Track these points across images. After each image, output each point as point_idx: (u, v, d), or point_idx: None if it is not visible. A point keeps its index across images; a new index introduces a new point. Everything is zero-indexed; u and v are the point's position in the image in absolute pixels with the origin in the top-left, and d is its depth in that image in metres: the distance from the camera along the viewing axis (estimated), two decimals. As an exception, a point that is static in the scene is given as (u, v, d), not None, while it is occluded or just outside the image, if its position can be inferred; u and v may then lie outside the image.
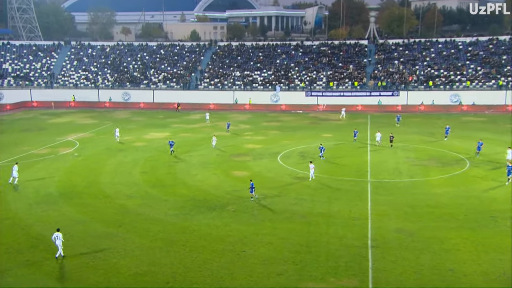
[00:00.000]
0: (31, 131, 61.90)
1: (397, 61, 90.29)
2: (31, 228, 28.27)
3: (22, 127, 65.08)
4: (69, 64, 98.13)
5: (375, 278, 22.35)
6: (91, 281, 22.03)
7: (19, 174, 37.94)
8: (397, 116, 65.51)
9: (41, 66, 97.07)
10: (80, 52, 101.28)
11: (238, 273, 22.82)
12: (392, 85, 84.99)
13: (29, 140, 55.67)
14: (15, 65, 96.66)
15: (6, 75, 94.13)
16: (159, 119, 73.28)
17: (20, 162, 44.48)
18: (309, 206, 32.38)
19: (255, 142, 54.31)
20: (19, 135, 59.29)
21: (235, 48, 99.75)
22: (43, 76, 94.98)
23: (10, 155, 47.17)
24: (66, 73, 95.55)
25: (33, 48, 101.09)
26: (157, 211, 31.35)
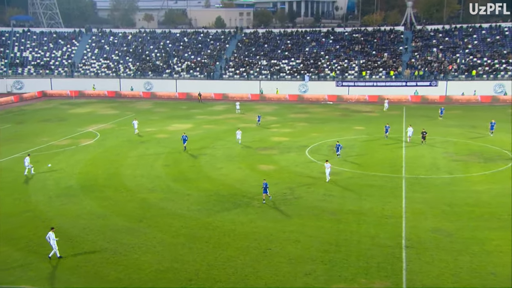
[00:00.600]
0: (51, 122, 63.37)
1: (436, 48, 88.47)
2: (52, 221, 28.97)
3: (42, 118, 66.69)
4: (90, 52, 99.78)
5: (409, 280, 22.10)
6: (111, 277, 22.48)
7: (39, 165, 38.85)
8: (441, 109, 63.72)
9: (61, 54, 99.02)
10: (102, 39, 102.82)
11: (264, 271, 22.90)
12: (430, 74, 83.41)
13: (49, 130, 57.02)
14: (36, 53, 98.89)
15: (27, 64, 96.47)
16: (182, 110, 73.94)
17: (41, 153, 45.71)
18: (339, 202, 32.20)
19: (282, 134, 54.24)
20: (39, 125, 60.78)
21: (262, 36, 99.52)
22: (63, 65, 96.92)
23: (31, 146, 48.45)
24: (87, 62, 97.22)
25: (53, 35, 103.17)
26: (180, 206, 31.71)
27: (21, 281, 22.10)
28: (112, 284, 21.80)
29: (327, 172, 36.33)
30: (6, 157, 44.10)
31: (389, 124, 51.38)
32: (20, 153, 45.51)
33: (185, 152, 45.58)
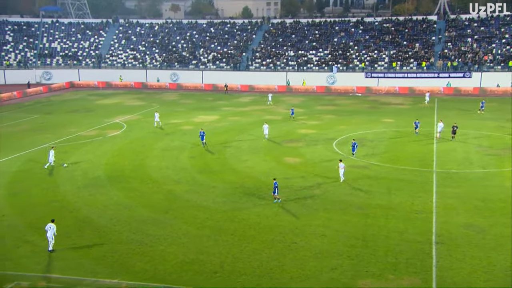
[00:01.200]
0: (78, 112, 64.57)
1: (471, 38, 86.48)
2: (79, 212, 29.61)
3: (70, 108, 68.00)
4: (117, 43, 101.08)
5: (439, 277, 21.76)
6: (137, 268, 22.84)
7: (67, 155, 39.61)
8: (482, 102, 61.27)
9: (89, 45, 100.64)
10: (128, 30, 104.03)
11: (289, 265, 22.91)
12: (464, 65, 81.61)
13: (77, 121, 58.12)
14: (64, 44, 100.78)
15: (55, 54, 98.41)
16: (208, 101, 74.29)
17: (68, 144, 46.65)
18: (366, 197, 31.90)
19: (308, 127, 53.96)
20: (67, 116, 62.00)
21: (289, 26, 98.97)
22: (91, 56, 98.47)
23: (59, 136, 49.51)
24: (114, 53, 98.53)
25: (81, 26, 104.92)
26: (205, 198, 31.95)
27: (49, 270, 22.67)
28: (137, 275, 22.15)
29: (341, 172, 34.36)
30: (34, 148, 45.16)
31: (418, 120, 49.35)
32: (48, 143, 46.54)
33: (205, 147, 44.56)
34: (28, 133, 52.00)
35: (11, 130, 53.36)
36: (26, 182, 35.45)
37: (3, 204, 31.13)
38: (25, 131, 53.08)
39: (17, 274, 22.30)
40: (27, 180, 35.80)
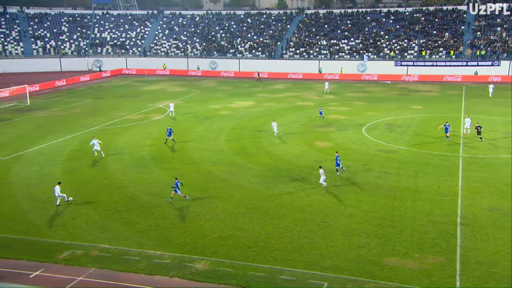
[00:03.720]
0: (126, 98, 65.75)
1: (500, 28, 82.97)
2: (126, 189, 30.34)
3: (118, 94, 69.32)
4: (161, 33, 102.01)
5: (463, 256, 21.32)
6: (178, 241, 23.30)
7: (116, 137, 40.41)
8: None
9: (135, 35, 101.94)
10: (172, 21, 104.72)
11: (319, 242, 22.89)
12: (493, 54, 78.54)
13: (124, 106, 59.24)
14: (113, 34, 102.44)
15: (105, 44, 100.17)
16: (244, 88, 74.29)
17: (116, 126, 47.69)
18: (394, 180, 31.40)
19: (339, 112, 53.30)
20: (116, 101, 63.26)
21: (323, 16, 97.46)
22: (137, 45, 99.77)
23: (108, 120, 50.66)
24: (158, 42, 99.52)
25: (129, 17, 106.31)
26: (241, 178, 32.14)
27: (99, 240, 23.40)
28: (178, 248, 22.60)
29: (322, 179, 29.74)
30: (87, 129, 46.38)
31: (449, 122, 41.49)
32: (99, 126, 47.70)
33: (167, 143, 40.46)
34: (81, 116, 53.40)
35: (67, 113, 54.91)
36: (80, 161, 36.52)
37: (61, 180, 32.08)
38: (79, 114, 54.52)
39: (72, 244, 23.14)
40: (81, 159, 36.87)
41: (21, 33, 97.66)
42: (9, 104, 60.82)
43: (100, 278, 20.10)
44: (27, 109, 57.88)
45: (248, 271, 20.43)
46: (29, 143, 40.38)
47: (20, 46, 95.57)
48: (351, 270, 20.42)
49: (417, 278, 19.76)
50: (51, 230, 24.60)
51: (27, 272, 20.52)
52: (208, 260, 21.38)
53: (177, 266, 20.97)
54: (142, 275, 20.29)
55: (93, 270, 20.76)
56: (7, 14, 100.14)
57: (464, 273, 20.04)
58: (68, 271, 20.63)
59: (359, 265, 20.80)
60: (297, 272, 20.38)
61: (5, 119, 51.68)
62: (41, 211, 27.03)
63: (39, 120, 51.36)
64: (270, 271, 20.45)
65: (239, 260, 21.34)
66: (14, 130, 46.55)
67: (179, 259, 21.53)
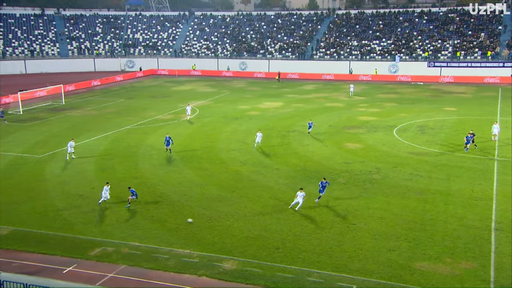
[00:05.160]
0: (157, 98, 66.72)
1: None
2: (156, 188, 30.77)
3: (150, 94, 70.40)
4: (192, 34, 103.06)
5: (498, 262, 20.71)
6: (207, 240, 23.47)
7: (147, 136, 40.94)
8: None
9: (167, 36, 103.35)
10: (203, 22, 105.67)
11: (348, 245, 22.65)
12: (531, 54, 76.05)
13: (155, 105, 60.11)
14: (145, 35, 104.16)
15: (138, 44, 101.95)
16: (273, 89, 74.23)
17: (148, 126, 48.43)
18: (425, 182, 30.77)
19: (369, 114, 52.62)
20: (147, 101, 64.27)
21: (354, 17, 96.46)
22: (168, 46, 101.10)
23: (140, 119, 51.51)
24: (189, 43, 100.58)
25: (161, 18, 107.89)
26: (269, 179, 32.12)
27: (130, 238, 23.79)
28: (207, 247, 22.76)
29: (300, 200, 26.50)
30: (119, 129, 47.28)
31: (473, 131, 38.82)
32: (130, 125, 48.56)
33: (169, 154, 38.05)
34: (114, 115, 54.48)
35: (100, 113, 56.13)
36: (112, 159, 37.24)
37: (93, 178, 32.96)
38: (111, 113, 55.63)
39: (103, 241, 23.63)
40: (113, 158, 37.60)
41: (58, 34, 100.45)
42: (45, 103, 62.62)
43: (130, 275, 20.45)
44: (62, 108, 59.47)
45: (276, 272, 20.39)
46: (63, 142, 41.44)
47: (56, 47, 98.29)
48: (381, 273, 20.12)
49: (449, 283, 19.30)
50: (84, 227, 25.16)
51: (60, 267, 21.05)
52: (236, 260, 21.46)
53: (205, 265, 21.12)
54: (171, 273, 20.53)
55: (123, 267, 21.13)
56: (45, 16, 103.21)
57: (498, 280, 19.45)
58: (99, 268, 21.06)
59: (388, 269, 20.47)
60: (325, 274, 20.21)
61: (41, 118, 53.24)
62: (74, 208, 27.69)
63: (73, 119, 52.69)
64: (298, 273, 20.36)
65: (266, 261, 21.33)
66: (49, 129, 47.90)
67: (207, 258, 21.68)
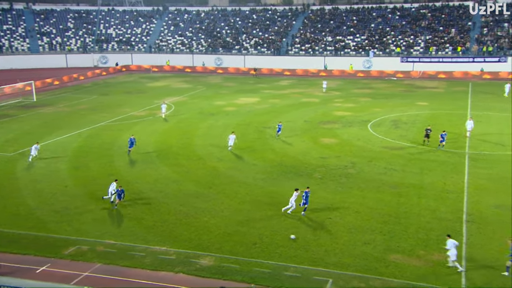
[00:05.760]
0: (132, 94, 65.89)
1: (508, 23, 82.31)
2: (132, 185, 30.42)
3: (124, 90, 69.46)
4: (167, 29, 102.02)
5: (469, 253, 21.27)
6: (184, 237, 23.38)
7: (122, 133, 40.49)
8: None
9: (141, 32, 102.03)
10: (177, 17, 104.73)
11: (324, 239, 22.90)
12: (500, 50, 77.99)
13: (130, 102, 59.36)
14: (119, 30, 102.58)
15: (111, 40, 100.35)
16: (249, 84, 74.22)
17: (122, 122, 47.79)
18: (400, 176, 31.32)
19: (344, 109, 53.17)
20: (122, 97, 63.40)
21: (328, 12, 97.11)
22: (142, 41, 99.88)
23: (114, 116, 50.78)
24: (164, 38, 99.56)
25: (134, 13, 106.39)
26: (246, 175, 32.16)
27: (106, 236, 23.50)
28: (184, 243, 22.68)
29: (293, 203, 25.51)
30: (93, 125, 46.53)
31: (446, 132, 37.92)
32: (105, 122, 47.84)
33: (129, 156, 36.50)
34: (87, 112, 53.56)
35: (73, 109, 55.09)
36: (86, 157, 36.64)
37: (66, 176, 32.37)
38: (85, 110, 54.68)
39: (78, 239, 23.27)
40: (87, 155, 36.99)
41: (27, 30, 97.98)
42: (16, 100, 61.10)
43: (105, 274, 20.21)
44: (33, 105, 58.13)
45: (253, 267, 20.47)
46: (35, 139, 40.55)
47: (26, 43, 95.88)
48: (356, 266, 20.42)
49: (423, 275, 19.73)
50: (57, 226, 24.74)
51: (33, 267, 20.65)
52: (213, 256, 21.45)
53: (182, 262, 21.04)
54: (147, 271, 20.38)
55: (99, 265, 20.88)
56: (14, 10, 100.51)
57: (469, 270, 19.98)
58: (74, 266, 20.75)
59: (364, 262, 20.79)
60: (302, 268, 20.40)
61: (11, 115, 51.95)
62: (47, 206, 27.17)
63: (45, 116, 51.59)
64: (275, 267, 20.48)
65: (244, 256, 21.39)
66: (20, 126, 46.78)
67: (184, 255, 21.60)
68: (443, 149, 36.78)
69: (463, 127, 41.96)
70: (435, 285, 19.04)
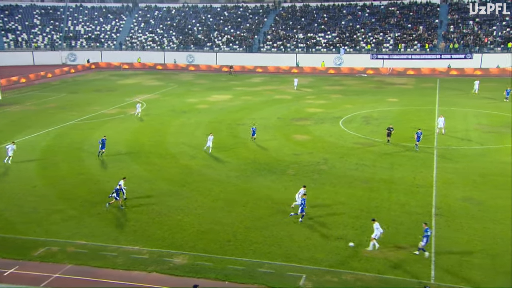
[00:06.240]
0: (101, 92, 64.76)
1: (472, 21, 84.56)
2: (103, 184, 29.97)
3: (94, 88, 68.21)
4: (137, 26, 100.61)
5: (438, 246, 21.81)
6: (157, 236, 23.17)
7: (92, 132, 39.80)
8: (507, 90, 53.71)
9: (110, 28, 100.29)
10: (147, 14, 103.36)
11: (297, 235, 23.08)
12: (465, 47, 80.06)
13: (100, 100, 58.34)
14: (87, 27, 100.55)
15: (79, 37, 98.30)
16: (222, 81, 74.00)
17: (92, 121, 46.96)
18: (370, 171, 31.83)
19: (316, 106, 53.63)
20: (91, 95, 62.24)
21: (299, 9, 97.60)
22: (112, 38, 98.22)
23: (84, 114, 49.83)
24: (134, 35, 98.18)
25: (103, 10, 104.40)
26: (219, 172, 32.09)
27: (76, 237, 23.08)
28: (157, 242, 22.49)
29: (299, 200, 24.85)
30: (62, 124, 45.54)
31: (421, 130, 36.99)
32: (74, 121, 46.90)
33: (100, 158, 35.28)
34: (56, 110, 52.38)
35: (41, 108, 53.78)
36: (55, 156, 35.85)
37: (35, 176, 31.61)
38: (54, 108, 53.47)
39: (47, 240, 22.78)
40: (56, 155, 36.20)
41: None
42: (-20, 99, 59.25)
43: (76, 275, 19.87)
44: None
45: (227, 265, 20.47)
46: (2, 139, 39.45)
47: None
48: (329, 261, 20.67)
49: (393, 268, 20.14)
50: (26, 227, 24.16)
51: (1, 269, 20.11)
52: (187, 255, 21.34)
53: (155, 261, 20.86)
54: (119, 271, 20.13)
55: (69, 266, 20.49)
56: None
57: (438, 262, 20.51)
58: (44, 268, 20.31)
59: (336, 257, 21.07)
60: (276, 264, 20.52)
61: (-24, 115, 50.37)
62: (16, 207, 26.50)
63: (12, 115, 50.19)
64: (249, 264, 20.54)
65: (218, 254, 21.37)
66: (-15, 126, 45.41)
67: (157, 254, 21.42)
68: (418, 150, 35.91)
69: (433, 123, 42.90)
70: (406, 277, 19.47)
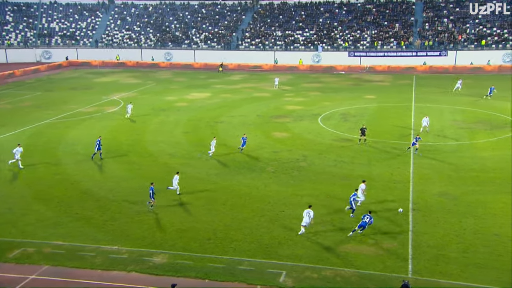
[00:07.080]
0: (78, 90, 63.71)
1: (447, 19, 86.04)
2: (80, 184, 29.50)
3: (70, 86, 67.05)
4: (113, 23, 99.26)
5: (415, 240, 22.17)
6: (137, 235, 22.94)
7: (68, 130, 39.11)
8: (491, 88, 53.61)
9: (86, 26, 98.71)
10: (124, 11, 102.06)
11: (277, 232, 23.15)
12: (440, 44, 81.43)
13: (77, 98, 57.39)
14: (62, 24, 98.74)
15: (54, 34, 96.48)
16: (201, 79, 73.62)
17: (68, 120, 46.18)
18: (349, 168, 32.13)
19: (295, 103, 53.84)
20: (67, 93, 61.17)
21: (277, 7, 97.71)
22: (88, 36, 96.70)
23: (60, 112, 48.94)
24: (110, 33, 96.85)
25: (78, 7, 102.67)
26: (199, 170, 31.94)
27: (53, 237, 22.68)
28: (136, 242, 22.27)
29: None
30: (38, 123, 44.65)
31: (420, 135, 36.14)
32: (50, 119, 46.04)
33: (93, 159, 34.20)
34: (31, 109, 51.31)
35: (16, 106, 52.61)
36: (31, 156, 35.05)
37: (10, 176, 30.89)
38: (29, 107, 52.36)
39: (23, 241, 22.32)
40: (32, 154, 35.41)
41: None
42: (-49, 98, 57.64)
43: (54, 276, 19.53)
44: (-29, 103, 55.07)
45: (207, 263, 20.41)
46: (-26, 139, 38.53)
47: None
48: (309, 257, 20.80)
49: (372, 263, 20.38)
50: (1, 228, 23.61)
51: (-25, 273, 19.66)
52: (167, 254, 21.19)
53: (134, 260, 20.66)
54: (98, 271, 19.87)
55: (46, 267, 20.13)
56: None
57: (415, 257, 20.84)
58: (19, 270, 19.91)
59: (316, 253, 21.21)
60: (256, 262, 20.55)
61: None
62: (-10, 209, 25.90)
63: (-16, 115, 48.98)
64: (229, 262, 20.52)
65: (198, 252, 21.28)
66: (-43, 125, 44.20)
67: (137, 254, 21.21)
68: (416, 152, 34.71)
69: (410, 120, 43.50)
70: (384, 272, 19.73)
